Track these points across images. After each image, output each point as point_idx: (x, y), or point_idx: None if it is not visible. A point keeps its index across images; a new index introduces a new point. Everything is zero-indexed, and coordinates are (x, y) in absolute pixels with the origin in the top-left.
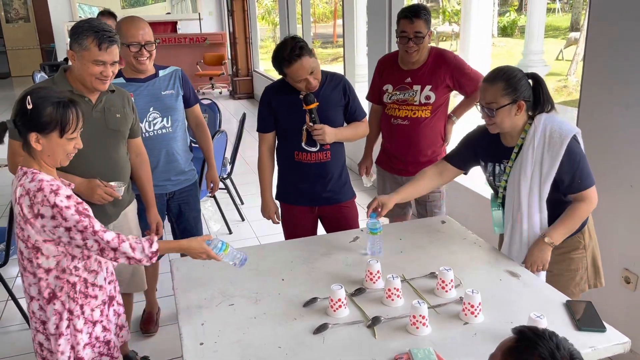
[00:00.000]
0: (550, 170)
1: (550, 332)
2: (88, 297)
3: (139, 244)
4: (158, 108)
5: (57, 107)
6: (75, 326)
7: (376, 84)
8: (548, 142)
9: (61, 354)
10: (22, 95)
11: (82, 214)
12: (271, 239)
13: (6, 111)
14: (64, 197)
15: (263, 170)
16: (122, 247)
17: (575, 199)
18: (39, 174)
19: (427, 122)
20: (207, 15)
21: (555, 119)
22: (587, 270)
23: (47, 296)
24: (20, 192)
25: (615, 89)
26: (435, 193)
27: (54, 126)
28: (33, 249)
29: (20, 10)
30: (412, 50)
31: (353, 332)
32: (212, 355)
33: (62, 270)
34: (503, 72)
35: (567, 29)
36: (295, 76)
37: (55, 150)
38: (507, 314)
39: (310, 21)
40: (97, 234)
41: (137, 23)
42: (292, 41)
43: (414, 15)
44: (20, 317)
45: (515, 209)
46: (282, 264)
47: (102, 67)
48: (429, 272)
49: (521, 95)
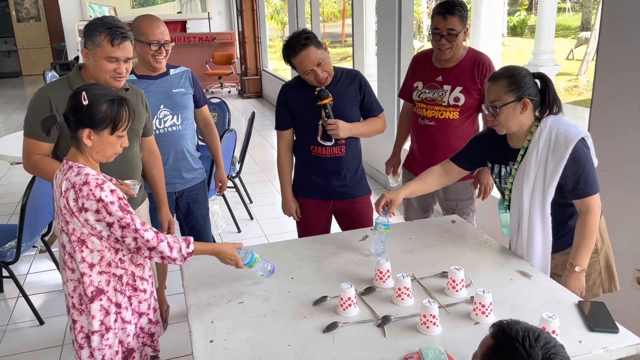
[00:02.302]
0: (554, 174)
1: (525, 329)
2: (137, 290)
3: (176, 244)
4: (169, 105)
5: (111, 104)
6: (124, 318)
7: (408, 81)
8: (553, 145)
9: (109, 347)
10: (75, 92)
11: (124, 210)
12: (280, 237)
13: (18, 109)
14: (109, 191)
15: (282, 167)
16: (160, 246)
17: (580, 211)
18: (84, 168)
19: (455, 124)
20: (217, 15)
21: (562, 121)
22: (600, 275)
23: (90, 295)
24: (66, 185)
25: (628, 88)
26: (464, 201)
27: (108, 123)
28: (78, 242)
29: (31, 10)
30: (444, 47)
31: (363, 331)
32: (222, 352)
33: (107, 264)
34: (506, 70)
35: (577, 29)
36: (301, 67)
37: (105, 146)
38: (518, 314)
39: (319, 20)
40: (138, 232)
41: (156, 22)
42: (300, 32)
43: (447, 12)
44: (31, 314)
45: (519, 211)
46: (291, 263)
47: (116, 64)
48: (440, 272)
49: (526, 92)
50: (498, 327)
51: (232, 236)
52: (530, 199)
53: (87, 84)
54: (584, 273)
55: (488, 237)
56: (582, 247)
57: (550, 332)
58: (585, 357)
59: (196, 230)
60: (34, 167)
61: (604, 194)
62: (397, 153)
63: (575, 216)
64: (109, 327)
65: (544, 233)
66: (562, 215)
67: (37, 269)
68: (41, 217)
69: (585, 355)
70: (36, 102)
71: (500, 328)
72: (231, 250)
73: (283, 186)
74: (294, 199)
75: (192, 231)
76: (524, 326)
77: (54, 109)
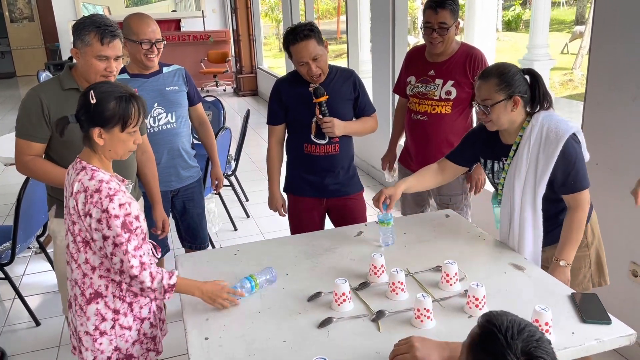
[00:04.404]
0: (545, 170)
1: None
2: (138, 296)
3: (159, 274)
4: (162, 103)
5: (119, 101)
6: (122, 325)
7: (402, 76)
8: (544, 141)
9: (100, 352)
10: (84, 91)
11: (125, 228)
12: (276, 235)
13: (12, 110)
14: (117, 205)
15: (271, 162)
16: (142, 275)
17: (568, 205)
18: (97, 172)
19: (448, 119)
20: (211, 13)
21: (554, 117)
22: (590, 269)
23: (89, 296)
24: (77, 187)
25: (621, 81)
26: (457, 195)
27: (117, 120)
28: (83, 242)
29: (25, 10)
30: (436, 41)
31: (357, 326)
32: (217, 350)
33: (106, 270)
34: (496, 68)
35: (572, 23)
36: (298, 56)
37: (117, 145)
38: (511, 307)
39: (313, 18)
40: (127, 254)
41: (146, 20)
42: (307, 23)
43: (438, 5)
44: (27, 315)
45: (511, 206)
46: (286, 259)
47: (106, 63)
48: (434, 266)
49: (516, 90)
50: (486, 317)
51: (229, 234)
52: (521, 195)
53: (96, 82)
54: (569, 267)
55: (482, 231)
56: (568, 242)
57: (543, 324)
58: (578, 348)
59: (192, 229)
60: (26, 168)
61: (598, 186)
62: (392, 149)
63: (566, 211)
64: (103, 332)
65: (535, 228)
66: (554, 209)
67: (32, 270)
68: (35, 218)
69: (578, 347)
70: (27, 103)
71: (487, 318)
72: (216, 287)
73: (271, 181)
74: (282, 194)
75: (188, 230)
76: (512, 318)
77: (45, 109)
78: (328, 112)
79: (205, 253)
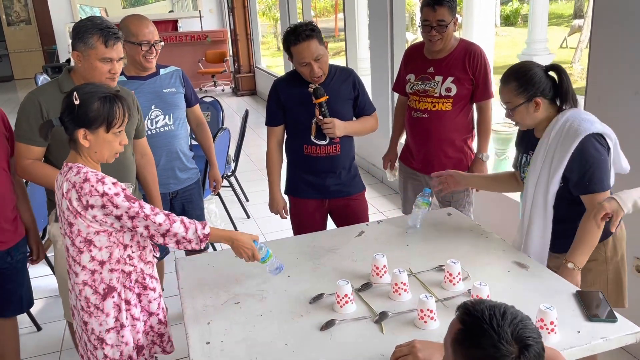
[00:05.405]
0: (559, 166)
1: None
2: (147, 289)
3: (192, 224)
4: (160, 106)
5: (104, 101)
6: (133, 315)
7: (401, 74)
8: (563, 137)
9: (126, 345)
10: (67, 93)
11: (130, 200)
12: (277, 236)
13: (11, 113)
14: (111, 184)
15: (271, 164)
16: (174, 227)
17: (586, 207)
18: (83, 168)
19: (449, 116)
20: (208, 13)
21: (581, 115)
22: (607, 287)
23: (103, 292)
24: (67, 186)
25: (622, 75)
26: (459, 193)
27: (101, 121)
28: (85, 242)
29: (21, 13)
30: (435, 39)
31: (360, 327)
32: (219, 354)
33: (116, 261)
34: (515, 70)
35: (570, 16)
36: (299, 57)
37: (103, 145)
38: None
39: (311, 15)
40: (149, 218)
41: (144, 21)
42: (307, 23)
43: (436, 3)
44: (28, 320)
45: (525, 200)
46: (287, 261)
47: (110, 65)
48: (436, 265)
49: (538, 91)
50: (464, 310)
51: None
52: (534, 189)
53: (80, 84)
54: (578, 271)
55: (484, 230)
56: (579, 244)
57: (548, 323)
58: (584, 347)
59: None
60: (26, 172)
61: None
62: (393, 147)
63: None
64: (123, 324)
65: (545, 224)
66: (574, 213)
67: (32, 274)
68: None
69: (584, 345)
70: (26, 106)
71: (466, 310)
72: (248, 240)
73: (271, 184)
74: (283, 196)
75: None
76: (489, 304)
77: (44, 113)
78: (328, 113)
79: (206, 255)
